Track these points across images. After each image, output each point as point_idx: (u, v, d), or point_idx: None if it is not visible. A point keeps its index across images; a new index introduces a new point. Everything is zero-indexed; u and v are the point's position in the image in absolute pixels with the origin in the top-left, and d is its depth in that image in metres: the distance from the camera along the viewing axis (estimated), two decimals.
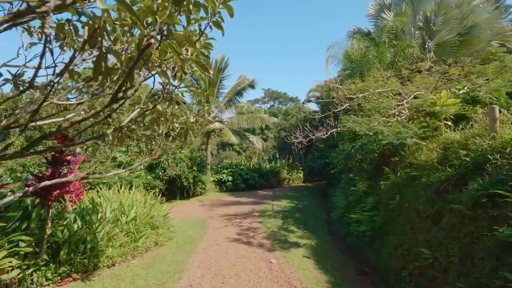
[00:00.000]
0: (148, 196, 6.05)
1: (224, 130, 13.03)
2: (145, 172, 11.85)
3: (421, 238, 3.25)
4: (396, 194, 4.55)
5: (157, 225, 5.32)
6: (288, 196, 12.50)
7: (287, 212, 8.85)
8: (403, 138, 3.93)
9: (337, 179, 11.25)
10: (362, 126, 4.36)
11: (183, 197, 12.11)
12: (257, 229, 6.66)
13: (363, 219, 5.16)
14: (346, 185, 7.44)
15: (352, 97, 6.29)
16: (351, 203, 6.51)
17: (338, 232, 6.93)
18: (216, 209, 9.55)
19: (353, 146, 7.62)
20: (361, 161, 6.76)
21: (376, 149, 6.25)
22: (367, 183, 6.03)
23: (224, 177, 14.82)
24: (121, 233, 4.52)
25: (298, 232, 6.46)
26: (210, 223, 7.49)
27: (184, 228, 6.93)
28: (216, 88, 13.78)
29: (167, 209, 6.60)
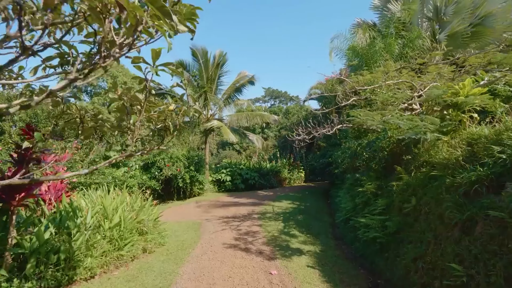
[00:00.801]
0: (138, 198, 5.56)
1: (222, 128, 12.54)
2: (140, 172, 11.37)
3: (449, 249, 2.75)
4: (411, 197, 4.05)
5: (145, 231, 4.83)
6: (289, 196, 12.00)
7: (289, 214, 8.36)
8: (422, 133, 3.43)
9: (341, 179, 10.75)
10: (374, 120, 3.86)
11: (180, 197, 11.63)
12: (256, 233, 6.17)
13: (373, 223, 4.66)
14: (352, 186, 6.94)
15: (359, 91, 5.79)
16: (358, 206, 6.01)
17: (343, 236, 6.44)
18: (214, 211, 9.07)
19: (359, 144, 7.12)
20: (368, 159, 6.26)
21: (385, 146, 5.75)
22: (375, 183, 5.54)
23: (222, 177, 14.33)
24: (103, 240, 4.04)
25: (301, 237, 5.96)
26: (206, 226, 7.00)
27: (178, 232, 6.45)
28: (214, 85, 13.28)
29: (160, 211, 6.12)
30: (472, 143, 3.43)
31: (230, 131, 12.40)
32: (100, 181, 9.70)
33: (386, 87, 5.41)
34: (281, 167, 17.31)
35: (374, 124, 3.93)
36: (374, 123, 3.91)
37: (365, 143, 6.94)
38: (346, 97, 5.96)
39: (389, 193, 4.94)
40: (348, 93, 5.87)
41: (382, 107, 4.72)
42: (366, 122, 4.06)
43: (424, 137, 3.42)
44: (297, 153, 20.78)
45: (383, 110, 4.35)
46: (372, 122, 3.90)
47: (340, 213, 7.33)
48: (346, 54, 8.07)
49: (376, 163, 5.78)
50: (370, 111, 4.46)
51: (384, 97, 4.50)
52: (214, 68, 12.94)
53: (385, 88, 5.58)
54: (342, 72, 6.15)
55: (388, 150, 5.68)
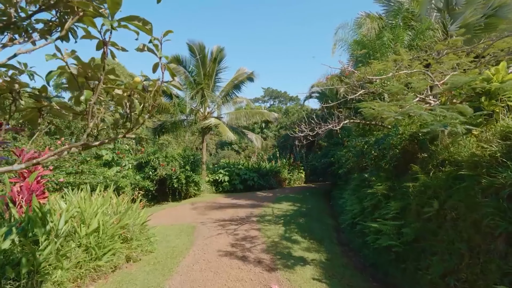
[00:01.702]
0: (125, 200, 5.03)
1: (220, 126, 12.00)
2: (133, 172, 10.82)
3: (492, 266, 2.23)
4: (432, 200, 3.53)
5: (130, 237, 4.29)
6: (290, 198, 11.47)
7: (289, 217, 7.83)
8: (452, 125, 2.92)
9: (344, 179, 10.22)
10: (391, 111, 3.35)
11: (175, 199, 11.08)
12: (255, 239, 5.64)
13: (386, 229, 4.14)
14: (358, 187, 6.42)
15: (366, 84, 5.29)
16: (366, 209, 5.49)
17: (349, 242, 5.92)
18: (210, 213, 8.53)
19: (366, 142, 6.60)
20: (377, 158, 5.75)
21: (397, 143, 5.24)
22: (386, 184, 5.02)
23: (220, 177, 13.79)
24: (78, 248, 3.50)
25: (304, 243, 5.44)
26: (200, 230, 6.47)
27: (170, 237, 5.91)
28: (212, 81, 12.75)
29: (149, 214, 5.58)
30: (508, 137, 2.92)
31: (228, 129, 11.86)
32: (90, 181, 9.16)
33: (397, 78, 4.91)
34: (281, 167, 16.79)
35: (391, 116, 3.42)
36: (392, 115, 3.40)
37: (372, 141, 6.42)
38: (353, 90, 5.45)
39: (403, 195, 4.42)
40: (354, 87, 5.35)
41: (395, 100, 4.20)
42: (382, 114, 3.55)
43: (455, 129, 2.90)
44: (297, 153, 20.26)
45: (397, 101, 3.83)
46: (389, 114, 3.39)
47: (345, 216, 6.81)
48: (351, 46, 7.55)
49: (387, 162, 5.26)
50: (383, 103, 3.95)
51: (398, 87, 3.98)
52: (211, 64, 12.41)
53: (396, 80, 5.08)
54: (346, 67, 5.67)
55: (400, 147, 5.17)
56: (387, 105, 3.54)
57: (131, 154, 11.95)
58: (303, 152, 20.34)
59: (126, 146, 12.12)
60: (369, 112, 3.78)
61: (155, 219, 8.24)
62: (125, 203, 4.89)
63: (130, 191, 9.95)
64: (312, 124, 5.99)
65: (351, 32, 7.66)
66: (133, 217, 4.67)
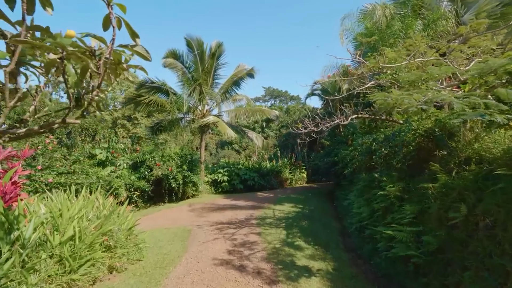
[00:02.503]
0: (110, 203, 4.57)
1: (219, 124, 11.53)
2: (128, 172, 10.36)
3: None
4: (458, 204, 3.05)
5: (114, 245, 3.82)
6: (292, 199, 11.00)
7: (291, 220, 7.35)
8: (490, 115, 2.44)
9: (348, 179, 9.72)
10: (412, 100, 2.87)
11: (172, 200, 10.62)
12: (254, 245, 5.17)
13: (401, 236, 3.65)
14: (367, 188, 5.93)
15: (377, 74, 4.81)
16: (376, 212, 5.00)
17: (357, 247, 5.43)
18: (207, 215, 8.07)
19: (375, 139, 6.12)
20: (387, 157, 5.26)
21: (410, 140, 4.75)
22: (399, 185, 4.53)
23: (219, 177, 13.34)
24: (50, 259, 3.04)
25: (308, 249, 4.96)
26: (196, 234, 6.00)
27: (162, 242, 5.45)
28: (210, 78, 12.27)
29: (138, 218, 5.13)
30: None
31: (228, 127, 11.39)
32: (82, 181, 8.73)
33: (411, 67, 4.43)
34: (282, 167, 16.32)
35: (414, 105, 2.94)
36: (414, 104, 2.92)
37: (381, 138, 5.94)
38: (361, 82, 4.97)
39: (420, 197, 3.94)
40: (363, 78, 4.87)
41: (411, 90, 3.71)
42: (400, 104, 3.07)
43: (494, 119, 2.42)
44: (299, 152, 19.79)
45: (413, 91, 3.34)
46: (411, 103, 2.90)
47: (352, 219, 6.33)
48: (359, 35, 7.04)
49: (399, 160, 4.78)
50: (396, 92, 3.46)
51: (416, 75, 3.48)
52: (210, 60, 11.94)
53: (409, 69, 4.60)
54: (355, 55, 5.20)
55: (413, 144, 4.68)
56: (407, 93, 3.05)
57: (126, 153, 11.49)
58: (304, 151, 19.86)
59: (122, 145, 11.67)
60: (384, 103, 3.30)
61: (150, 221, 7.80)
62: (110, 206, 4.42)
63: (125, 192, 9.50)
64: (316, 120, 5.51)
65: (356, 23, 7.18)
66: (118, 221, 4.21)
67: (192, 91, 10.78)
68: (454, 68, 3.13)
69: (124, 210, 4.63)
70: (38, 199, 4.23)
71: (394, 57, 4.34)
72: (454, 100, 2.63)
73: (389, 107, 3.48)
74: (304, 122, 5.32)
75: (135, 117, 28.35)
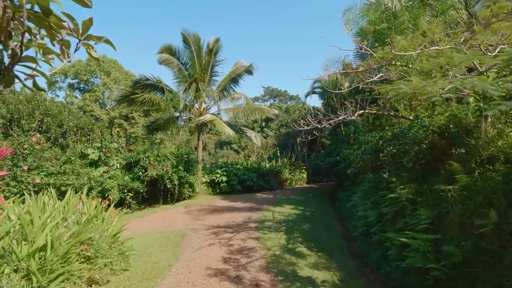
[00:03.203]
0: (95, 206, 4.15)
1: (216, 121, 11.12)
2: (121, 172, 9.93)
3: None
4: (486, 209, 2.65)
5: (95, 254, 3.41)
6: (292, 200, 10.60)
7: (292, 223, 6.95)
8: None
9: (351, 180, 9.33)
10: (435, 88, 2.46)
11: (167, 201, 10.19)
12: (252, 251, 4.76)
13: (417, 245, 3.25)
14: (373, 189, 5.54)
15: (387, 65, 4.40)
16: (384, 215, 4.60)
17: (364, 254, 5.04)
18: (204, 218, 7.66)
19: (381, 137, 5.72)
20: (396, 156, 4.86)
21: (422, 137, 4.36)
22: (411, 187, 4.13)
23: (217, 178, 12.92)
24: (14, 274, 2.63)
25: (310, 256, 4.55)
26: (190, 239, 5.59)
27: (153, 248, 5.03)
28: (207, 75, 11.86)
29: (125, 223, 4.72)
30: None
31: (225, 125, 10.97)
32: (73, 182, 8.32)
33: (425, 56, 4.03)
34: (282, 167, 15.91)
35: (437, 94, 2.54)
36: (437, 93, 2.52)
37: (389, 135, 5.55)
38: (367, 75, 4.57)
39: (436, 200, 3.55)
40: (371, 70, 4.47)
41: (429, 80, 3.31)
42: (421, 93, 2.66)
43: None
44: (299, 152, 19.39)
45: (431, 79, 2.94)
46: (434, 92, 2.50)
47: (357, 223, 5.94)
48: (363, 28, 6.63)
49: (410, 159, 4.37)
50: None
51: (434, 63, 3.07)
52: (207, 56, 11.52)
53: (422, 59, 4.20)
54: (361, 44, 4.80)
55: (427, 142, 4.29)
56: (432, 80, 2.65)
57: (120, 153, 11.05)
58: (304, 151, 19.47)
59: (115, 144, 11.24)
60: (401, 94, 2.89)
61: (143, 224, 7.39)
62: (94, 210, 4.00)
63: (118, 193, 9.08)
64: (319, 116, 5.10)
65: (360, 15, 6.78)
66: (101, 227, 3.79)
67: (187, 87, 10.35)
68: (479, 55, 2.72)
69: (108, 215, 4.21)
70: (16, 203, 3.81)
71: (405, 46, 3.94)
72: (488, 86, 2.23)
73: (407, 97, 3.07)
74: (306, 119, 4.92)
75: (132, 116, 27.90)
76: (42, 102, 16.44)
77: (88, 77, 31.33)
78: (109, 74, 31.01)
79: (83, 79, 31.38)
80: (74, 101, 30.61)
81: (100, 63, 30.61)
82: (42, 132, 15.73)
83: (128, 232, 5.74)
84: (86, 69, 30.73)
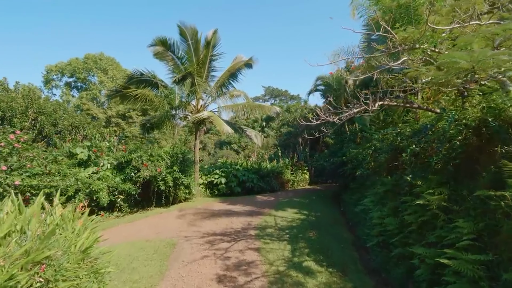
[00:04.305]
0: (59, 214, 3.46)
1: (214, 118, 10.43)
2: (112, 173, 9.24)
3: None
4: None
5: (53, 278, 2.71)
6: (294, 203, 9.90)
7: (296, 230, 6.26)
8: None
9: (359, 182, 8.62)
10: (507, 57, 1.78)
11: (161, 204, 9.51)
12: (252, 266, 4.07)
13: (461, 268, 2.56)
14: (390, 193, 4.84)
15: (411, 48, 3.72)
16: (408, 225, 3.90)
17: (382, 269, 4.34)
18: (199, 223, 6.98)
19: (399, 133, 5.03)
20: (420, 155, 4.17)
21: (454, 133, 3.67)
22: (443, 192, 3.44)
23: (216, 179, 12.24)
24: None
25: (321, 274, 3.86)
26: (181, 250, 4.91)
27: (137, 261, 4.35)
28: (205, 69, 11.18)
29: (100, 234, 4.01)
30: None
31: (223, 122, 10.28)
32: (58, 184, 7.62)
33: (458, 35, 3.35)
34: (283, 167, 15.21)
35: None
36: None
37: (408, 132, 4.85)
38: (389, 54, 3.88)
39: (480, 209, 2.86)
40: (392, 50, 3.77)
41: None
42: (485, 66, 1.97)
43: None
44: (301, 152, 18.69)
45: None
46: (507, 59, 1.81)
47: (370, 231, 5.23)
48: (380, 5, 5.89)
49: (440, 159, 3.69)
50: None
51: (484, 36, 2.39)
52: (204, 50, 10.84)
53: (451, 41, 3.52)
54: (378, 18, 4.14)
55: (461, 139, 3.60)
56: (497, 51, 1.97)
57: (112, 152, 10.34)
58: (307, 151, 18.77)
59: (107, 143, 10.54)
60: (454, 68, 2.20)
61: (132, 230, 6.70)
62: (57, 219, 3.31)
63: (106, 196, 8.37)
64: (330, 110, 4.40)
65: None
66: (67, 242, 3.10)
67: (178, 79, 9.61)
68: None
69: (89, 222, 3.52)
70: None
71: (437, 22, 3.26)
72: None
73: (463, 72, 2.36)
74: (314, 113, 4.22)
75: (130, 115, 27.22)
76: (36, 100, 15.82)
77: (85, 75, 30.67)
78: (106, 72, 30.36)
79: (80, 77, 30.74)
80: (70, 99, 29.97)
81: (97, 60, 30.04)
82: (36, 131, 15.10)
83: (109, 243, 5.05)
84: (83, 66, 30.11)
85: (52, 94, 31.12)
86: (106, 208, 8.62)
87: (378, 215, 4.97)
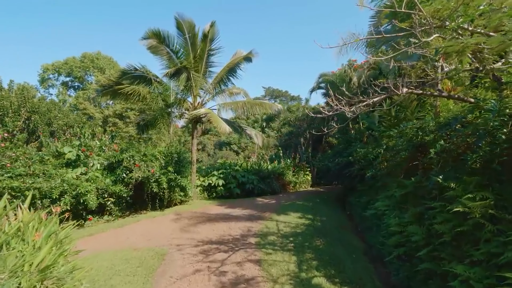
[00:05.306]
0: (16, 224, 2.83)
1: (211, 115, 9.80)
2: (102, 174, 8.59)
3: None
4: None
5: None
6: (297, 206, 9.25)
7: (301, 237, 5.61)
8: None
9: (368, 183, 7.96)
10: None
11: (155, 207, 8.87)
12: (252, 284, 3.43)
13: None
14: (412, 196, 4.19)
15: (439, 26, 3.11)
16: (438, 236, 3.26)
17: (405, 286, 3.69)
18: (194, 229, 6.34)
19: (420, 128, 4.39)
20: (451, 152, 3.54)
21: (498, 125, 3.03)
22: (486, 196, 2.80)
23: (213, 181, 11.60)
24: None
25: None
26: (171, 262, 4.27)
27: (117, 277, 3.70)
28: (202, 65, 10.56)
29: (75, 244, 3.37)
30: None
31: (221, 120, 9.64)
32: (41, 186, 6.99)
33: None
34: (285, 168, 14.58)
35: None
36: None
37: (432, 125, 4.21)
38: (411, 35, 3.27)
39: None
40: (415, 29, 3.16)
41: None
42: None
43: None
44: (303, 152, 18.04)
45: None
46: None
47: (387, 240, 4.58)
48: None
49: (480, 157, 3.05)
50: None
51: None
52: (201, 43, 10.23)
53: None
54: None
55: (506, 132, 2.96)
56: None
57: (104, 152, 9.69)
58: (309, 151, 18.13)
59: (97, 142, 9.90)
60: None
61: (119, 237, 6.04)
62: (13, 229, 2.68)
63: (95, 198, 7.71)
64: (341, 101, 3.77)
65: None
66: (19, 260, 2.47)
67: (171, 73, 8.98)
68: None
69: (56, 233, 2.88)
70: None
71: None
72: None
73: None
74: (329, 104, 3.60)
75: (127, 115, 26.61)
76: (29, 99, 15.24)
77: (82, 74, 30.07)
78: (103, 71, 29.76)
79: (76, 76, 30.14)
80: (67, 99, 29.36)
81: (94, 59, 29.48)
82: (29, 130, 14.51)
83: (92, 252, 4.43)
84: (80, 65, 29.52)
85: (49, 93, 30.55)
86: (96, 212, 7.97)
87: (396, 222, 4.31)
